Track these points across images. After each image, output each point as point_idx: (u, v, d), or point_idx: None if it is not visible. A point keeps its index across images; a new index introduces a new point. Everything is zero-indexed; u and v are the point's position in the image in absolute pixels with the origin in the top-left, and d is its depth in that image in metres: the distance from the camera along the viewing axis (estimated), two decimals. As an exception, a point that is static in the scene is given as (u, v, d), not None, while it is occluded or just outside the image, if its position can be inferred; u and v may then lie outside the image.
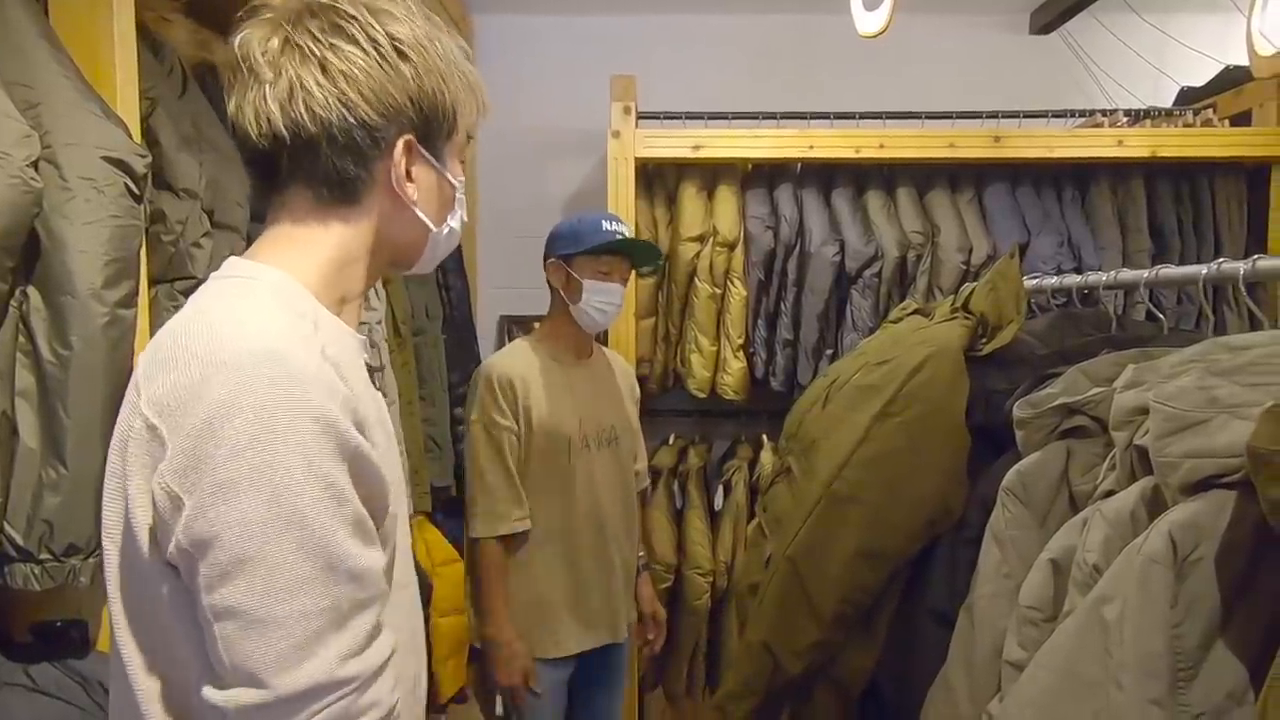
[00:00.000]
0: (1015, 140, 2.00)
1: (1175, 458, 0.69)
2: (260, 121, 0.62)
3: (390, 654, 0.60)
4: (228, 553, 0.53)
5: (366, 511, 0.59)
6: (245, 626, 0.53)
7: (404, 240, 0.69)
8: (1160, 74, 2.36)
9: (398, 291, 1.86)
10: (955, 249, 2.00)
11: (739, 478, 2.11)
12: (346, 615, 0.56)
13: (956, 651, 0.95)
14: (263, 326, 0.58)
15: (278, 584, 0.53)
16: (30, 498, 0.86)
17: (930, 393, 1.13)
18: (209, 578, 0.54)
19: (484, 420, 1.48)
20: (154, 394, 0.56)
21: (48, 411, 0.87)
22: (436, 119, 0.66)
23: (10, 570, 0.87)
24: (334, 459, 0.56)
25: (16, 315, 0.87)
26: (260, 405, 0.54)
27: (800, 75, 2.43)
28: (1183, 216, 2.07)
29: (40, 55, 0.89)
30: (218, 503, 0.53)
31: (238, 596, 0.53)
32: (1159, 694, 0.64)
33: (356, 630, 0.56)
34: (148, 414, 0.56)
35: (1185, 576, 0.65)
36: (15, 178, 0.81)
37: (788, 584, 1.16)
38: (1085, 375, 0.96)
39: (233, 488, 0.53)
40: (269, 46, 0.62)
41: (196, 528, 0.54)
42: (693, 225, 2.07)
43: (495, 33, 2.44)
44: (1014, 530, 0.92)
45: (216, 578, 0.54)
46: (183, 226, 1.11)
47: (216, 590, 0.54)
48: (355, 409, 0.59)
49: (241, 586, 0.53)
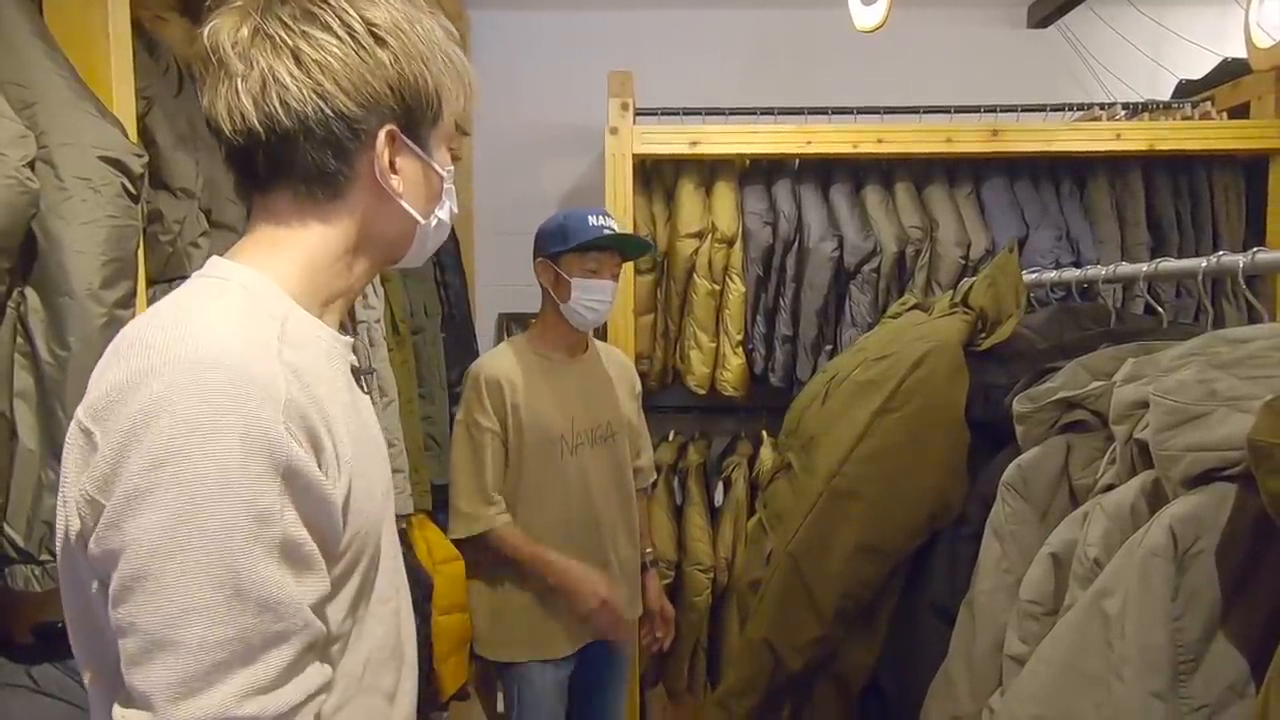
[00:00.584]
0: (1013, 134, 2.00)
1: (1176, 451, 0.69)
2: (234, 117, 0.60)
3: (315, 691, 0.56)
4: (131, 567, 0.50)
5: (307, 533, 0.55)
6: (145, 647, 0.51)
7: (391, 234, 0.66)
8: (1158, 67, 2.35)
9: (396, 290, 1.85)
10: (954, 244, 2.00)
11: (739, 474, 2.11)
12: (256, 648, 0.52)
13: (957, 646, 0.95)
14: (209, 328, 0.54)
15: (176, 606, 0.50)
16: (30, 499, 0.86)
17: (930, 388, 1.13)
18: (115, 591, 0.51)
19: (467, 421, 1.50)
20: (92, 396, 0.54)
21: (46, 412, 0.86)
22: (420, 106, 0.63)
23: (11, 572, 0.86)
24: (261, 475, 0.52)
25: (14, 316, 0.86)
26: (182, 414, 0.51)
27: (798, 70, 2.43)
28: (1181, 210, 2.07)
29: (35, 54, 0.88)
30: (128, 514, 0.51)
31: (137, 614, 0.51)
32: (1160, 687, 0.64)
33: (268, 665, 0.52)
34: (83, 417, 0.54)
35: (1186, 569, 0.65)
36: (11, 178, 0.81)
37: (789, 580, 1.16)
38: (1085, 369, 0.96)
39: (143, 500, 0.50)
40: (238, 37, 0.59)
41: (107, 538, 0.52)
42: (691, 221, 2.06)
43: (491, 28, 2.43)
44: (1014, 525, 0.92)
45: (120, 592, 0.51)
46: (180, 226, 1.11)
47: (120, 605, 0.51)
48: (308, 417, 0.55)
49: (141, 604, 0.50)
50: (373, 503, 0.63)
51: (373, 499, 0.63)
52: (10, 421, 0.86)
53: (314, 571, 0.56)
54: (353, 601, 0.62)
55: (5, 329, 0.86)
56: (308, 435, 0.55)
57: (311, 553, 0.56)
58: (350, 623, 0.62)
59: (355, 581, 0.62)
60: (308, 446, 0.55)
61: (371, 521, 0.63)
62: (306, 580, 0.55)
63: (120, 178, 0.90)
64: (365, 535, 0.62)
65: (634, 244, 1.56)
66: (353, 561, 0.61)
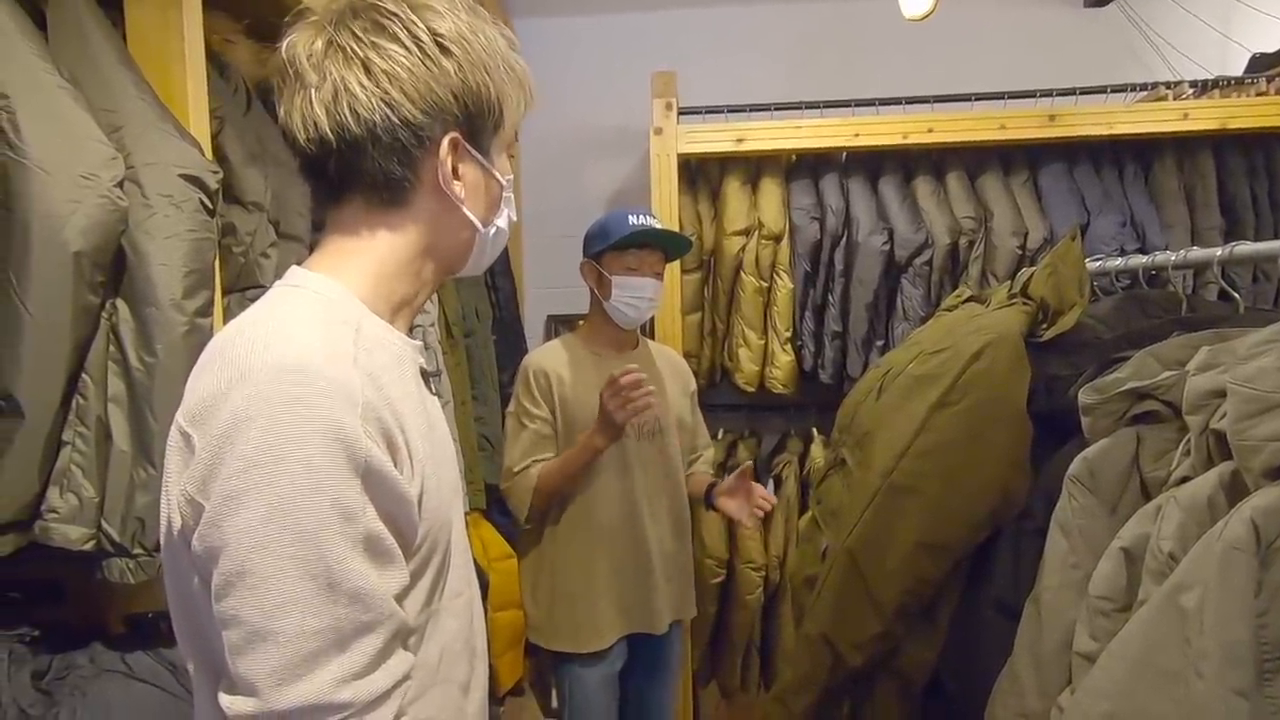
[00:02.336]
0: (1071, 118, 1.93)
1: (1257, 441, 0.66)
2: (307, 127, 0.62)
3: (401, 679, 0.58)
4: (232, 563, 0.54)
5: (387, 529, 0.57)
6: (247, 637, 0.54)
7: (453, 242, 0.68)
8: (1228, 40, 2.24)
9: (448, 294, 1.91)
10: (1010, 233, 1.94)
11: (789, 471, 2.09)
12: (348, 637, 0.55)
13: (1023, 644, 0.93)
14: (290, 336, 0.57)
15: (274, 599, 0.53)
16: (124, 497, 0.92)
17: (989, 380, 1.11)
18: (218, 586, 0.55)
19: (518, 411, 1.53)
20: (189, 402, 0.58)
21: (137, 416, 0.92)
22: (482, 114, 0.65)
23: (108, 564, 0.92)
24: (344, 475, 0.55)
25: (107, 326, 0.92)
26: (271, 419, 0.54)
27: (843, 62, 2.40)
28: (1257, 190, 1.96)
29: (121, 81, 0.94)
30: (227, 513, 0.54)
31: (239, 607, 0.54)
32: (1244, 684, 0.62)
33: (359, 653, 0.55)
34: (182, 421, 0.58)
35: (1270, 564, 0.62)
36: (104, 197, 0.86)
37: (847, 576, 1.15)
38: (1155, 358, 0.92)
39: (239, 499, 0.53)
40: (313, 49, 0.62)
41: (208, 536, 0.55)
42: (737, 219, 2.06)
43: (534, 35, 2.47)
44: (1081, 520, 0.89)
45: (222, 586, 0.54)
46: (251, 238, 1.17)
47: (223, 599, 0.54)
48: (384, 419, 0.58)
49: (243, 598, 0.54)
50: (444, 499, 0.66)
51: (443, 496, 0.66)
52: (105, 425, 0.92)
53: (395, 564, 0.59)
54: (428, 595, 0.64)
55: (99, 338, 0.92)
56: (384, 436, 0.58)
57: (392, 547, 0.58)
58: (426, 615, 0.64)
59: (430, 575, 0.64)
60: (384, 446, 0.58)
61: (443, 517, 0.65)
62: (389, 573, 0.58)
63: (198, 194, 0.96)
64: (438, 530, 0.65)
65: (672, 240, 1.55)
66: (427, 556, 0.64)
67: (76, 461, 0.90)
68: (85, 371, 0.90)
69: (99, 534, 0.91)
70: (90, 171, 0.85)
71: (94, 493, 0.90)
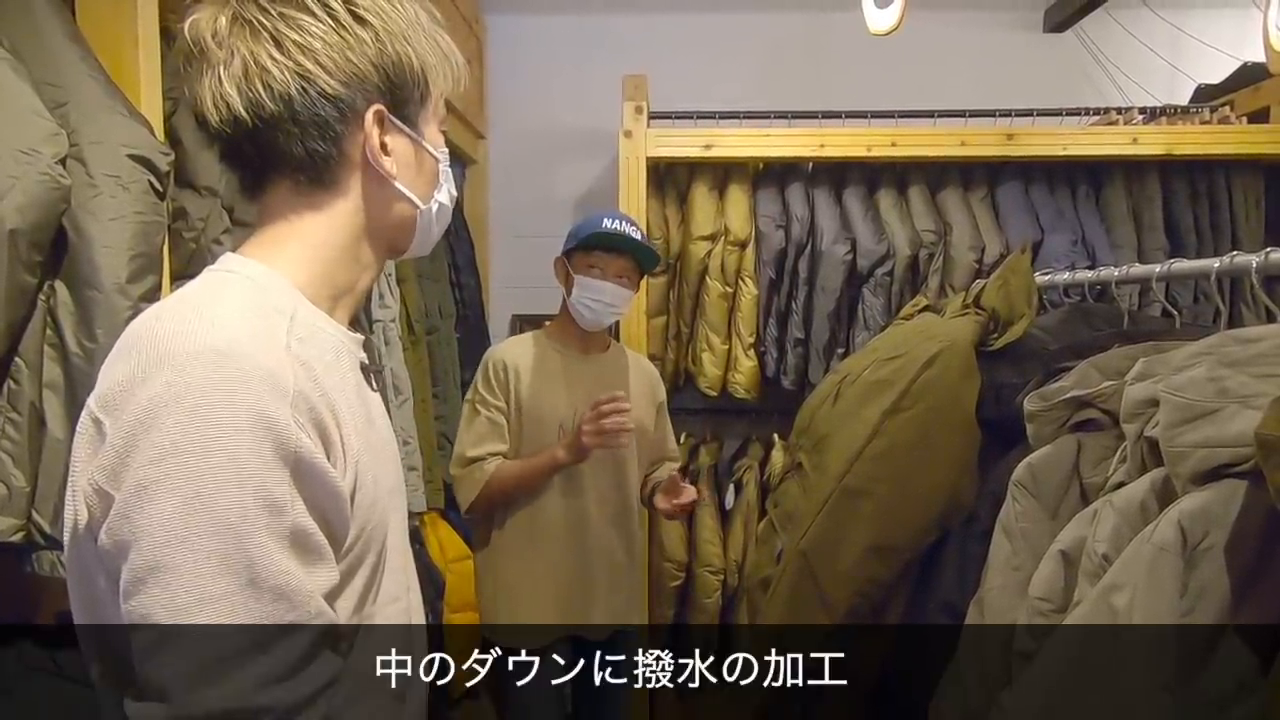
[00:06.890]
0: (1028, 138, 2.00)
1: (1186, 447, 0.69)
2: (219, 107, 0.58)
3: (327, 683, 0.54)
4: (143, 558, 0.50)
5: (316, 525, 0.54)
6: (158, 638, 0.50)
7: (391, 221, 0.65)
8: (1176, 71, 2.34)
9: (411, 290, 1.88)
10: (968, 247, 2.00)
11: (750, 476, 2.11)
12: (270, 637, 0.51)
13: (967, 642, 0.95)
14: (216, 320, 0.54)
15: (189, 596, 0.49)
16: (57, 487, 0.89)
17: (941, 387, 1.14)
18: (127, 584, 0.51)
19: (474, 399, 1.53)
20: (102, 387, 0.54)
21: (74, 403, 0.89)
22: (406, 85, 0.62)
23: (38, 557, 0.89)
24: (271, 466, 0.51)
25: (44, 309, 0.89)
26: (193, 405, 0.50)
27: (812, 74, 2.44)
28: (1199, 215, 2.05)
29: (68, 56, 0.91)
30: (139, 504, 0.50)
31: (150, 605, 0.50)
32: (1169, 680, 0.64)
33: (281, 655, 0.51)
34: (94, 407, 0.54)
35: (1195, 564, 0.65)
36: (44, 174, 0.84)
37: (800, 577, 1.17)
38: (1097, 369, 0.96)
39: (154, 489, 0.50)
40: (218, 26, 0.58)
41: (118, 529, 0.51)
42: (704, 224, 2.08)
43: (507, 32, 2.46)
44: (1024, 523, 0.92)
45: (131, 584, 0.50)
46: (204, 223, 1.14)
47: (132, 597, 0.50)
48: (317, 409, 0.55)
49: (154, 595, 0.50)
50: (380, 499, 0.63)
51: (379, 495, 0.63)
52: (40, 411, 0.89)
53: (324, 562, 0.56)
54: (360, 598, 0.62)
55: (35, 322, 0.89)
56: (316, 427, 0.55)
57: (321, 543, 0.55)
58: (358, 619, 0.62)
59: (363, 577, 0.62)
60: (316, 438, 0.55)
61: (379, 517, 0.63)
62: (317, 570, 0.55)
63: (147, 175, 0.93)
64: (373, 530, 0.62)
65: (636, 248, 1.54)
66: (360, 555, 0.61)
67: (6, 449, 0.87)
68: (19, 355, 0.87)
69: (29, 525, 0.88)
70: (30, 147, 0.83)
71: (24, 482, 0.87)
